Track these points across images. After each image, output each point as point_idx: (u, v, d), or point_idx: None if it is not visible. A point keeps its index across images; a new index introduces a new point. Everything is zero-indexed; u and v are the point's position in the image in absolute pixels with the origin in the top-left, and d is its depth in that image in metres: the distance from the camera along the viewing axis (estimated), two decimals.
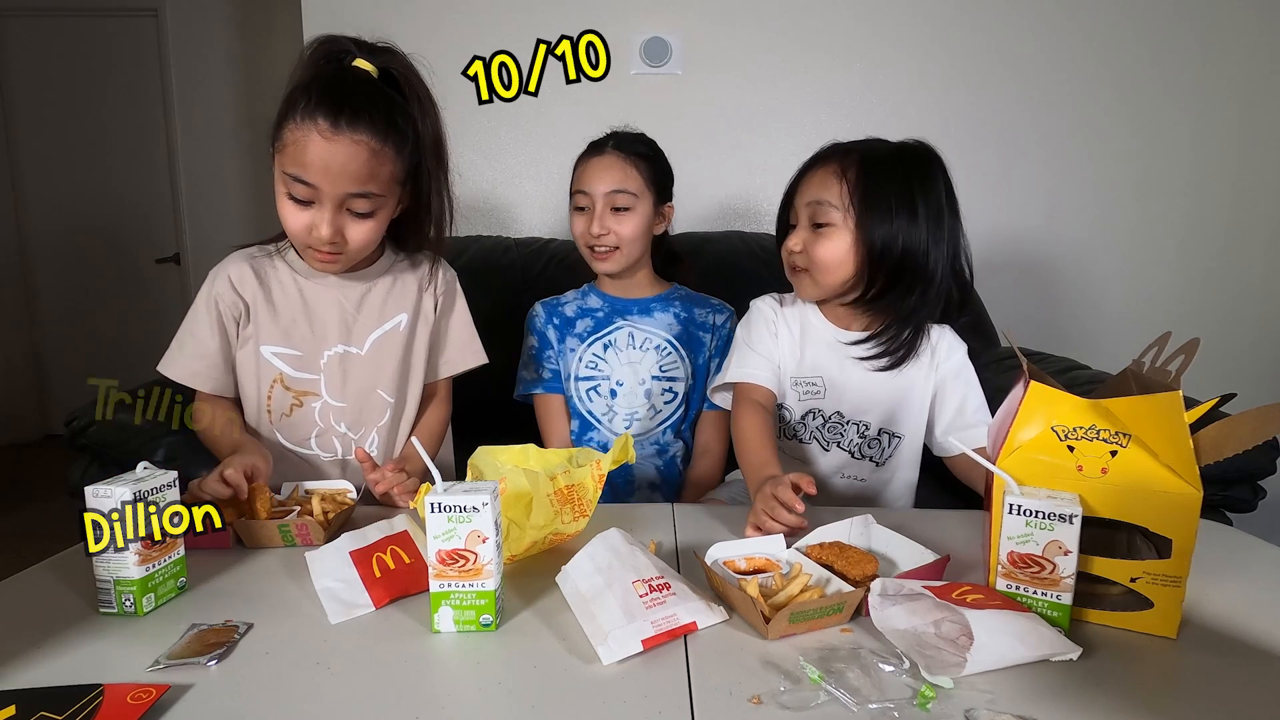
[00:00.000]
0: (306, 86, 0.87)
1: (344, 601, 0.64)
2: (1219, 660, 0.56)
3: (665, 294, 1.31)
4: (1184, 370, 0.61)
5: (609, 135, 1.27)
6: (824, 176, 0.97)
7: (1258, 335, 2.02)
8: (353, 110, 0.86)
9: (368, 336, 1.04)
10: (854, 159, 0.96)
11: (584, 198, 1.22)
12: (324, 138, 0.85)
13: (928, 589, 0.57)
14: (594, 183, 1.21)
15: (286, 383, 1.02)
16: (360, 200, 0.90)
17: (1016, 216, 1.99)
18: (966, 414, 1.01)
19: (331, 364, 1.03)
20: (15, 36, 3.40)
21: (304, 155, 0.86)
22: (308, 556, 0.68)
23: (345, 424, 1.05)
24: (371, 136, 0.87)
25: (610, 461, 0.78)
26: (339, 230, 0.91)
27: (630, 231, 1.21)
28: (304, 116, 0.85)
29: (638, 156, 1.23)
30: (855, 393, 1.03)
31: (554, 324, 1.30)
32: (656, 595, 0.60)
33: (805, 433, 1.06)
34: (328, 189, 0.88)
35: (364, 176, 0.89)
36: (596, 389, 1.28)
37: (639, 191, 1.21)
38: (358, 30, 0.97)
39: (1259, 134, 1.95)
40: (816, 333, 1.05)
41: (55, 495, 2.65)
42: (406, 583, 0.67)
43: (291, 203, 0.90)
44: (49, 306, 3.58)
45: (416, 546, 0.71)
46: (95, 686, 0.51)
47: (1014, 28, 1.91)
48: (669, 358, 1.28)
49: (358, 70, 0.90)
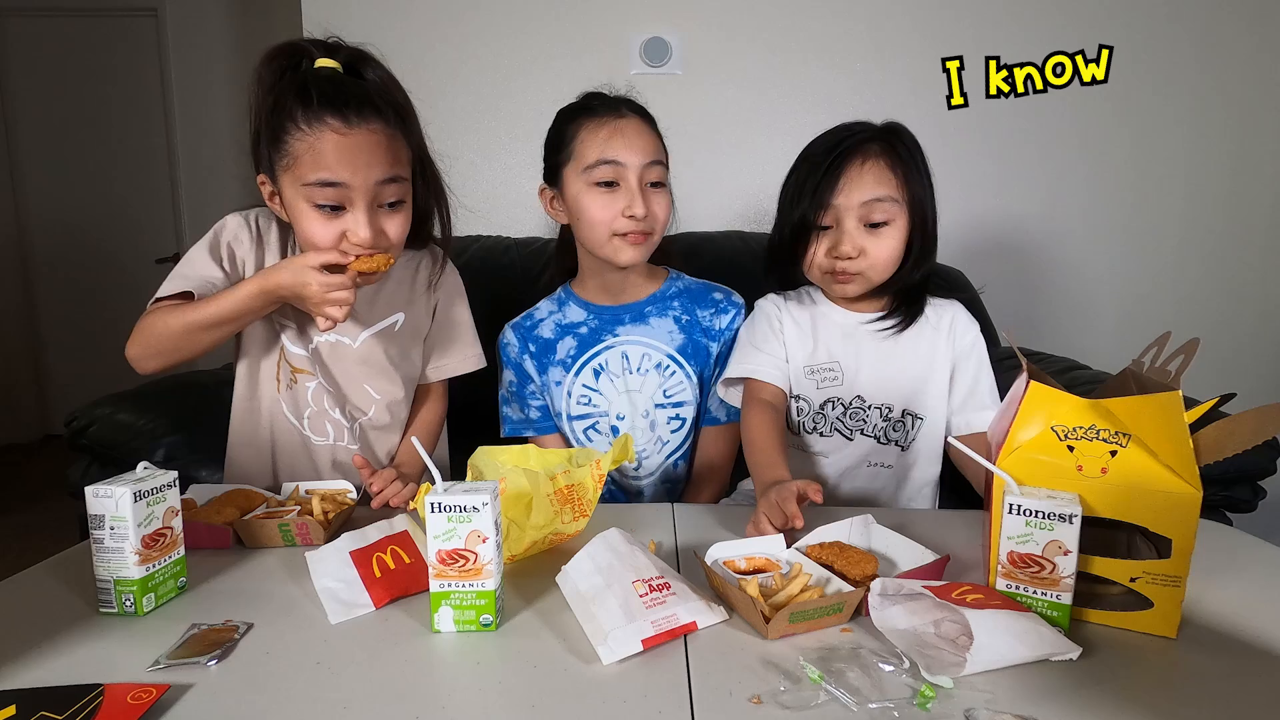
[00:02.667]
0: (297, 95, 0.84)
1: (344, 601, 0.64)
2: (1219, 660, 0.56)
3: (662, 290, 1.10)
4: (1184, 370, 0.61)
5: (616, 97, 1.06)
6: (877, 171, 0.94)
7: (1257, 335, 2.02)
8: (357, 102, 0.84)
9: (361, 332, 1.02)
10: (889, 149, 0.96)
11: (612, 170, 0.98)
12: (340, 134, 0.83)
13: (928, 589, 0.57)
14: (628, 151, 0.98)
15: (287, 355, 1.01)
16: (391, 187, 0.88)
17: (1015, 217, 1.99)
18: (979, 394, 1.00)
19: (322, 348, 1.01)
20: (15, 36, 3.40)
21: (324, 158, 0.83)
22: (308, 556, 0.68)
23: (339, 410, 1.03)
24: (382, 123, 0.86)
25: (610, 461, 0.78)
26: (379, 230, 0.88)
27: (666, 214, 1.02)
28: (309, 123, 0.83)
29: (654, 125, 1.04)
30: (873, 375, 1.01)
31: (530, 352, 1.11)
32: (656, 595, 0.60)
33: (825, 424, 1.03)
34: (359, 181, 0.85)
35: (389, 161, 0.86)
36: (595, 427, 1.10)
37: (668, 164, 1.03)
38: (358, 30, 0.96)
39: (1255, 134, 1.95)
40: (828, 319, 1.04)
41: (55, 495, 2.66)
42: (407, 582, 0.67)
43: (319, 214, 0.86)
44: (49, 306, 3.58)
45: (416, 546, 0.71)
46: (95, 686, 0.51)
47: (1011, 28, 1.91)
48: (673, 378, 1.08)
49: (324, 70, 0.87)
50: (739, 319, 1.11)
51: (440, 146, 2.18)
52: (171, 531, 0.67)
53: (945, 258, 1.77)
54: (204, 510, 0.81)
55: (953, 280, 1.72)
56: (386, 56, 0.93)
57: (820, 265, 0.99)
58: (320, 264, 0.84)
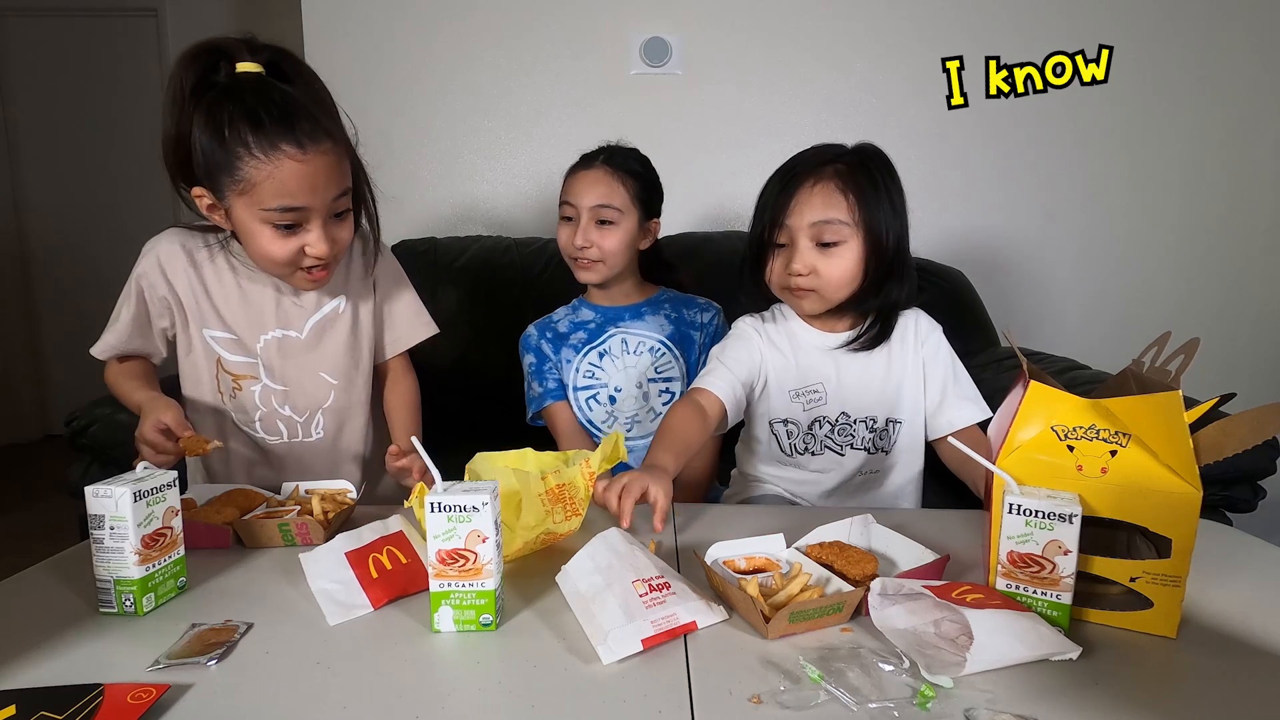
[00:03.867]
0: (245, 118, 0.83)
1: (341, 603, 0.64)
2: (1219, 660, 0.56)
3: (654, 298, 1.33)
4: (1184, 370, 0.61)
5: (600, 149, 1.27)
6: (825, 194, 0.96)
7: (1257, 335, 2.03)
8: (306, 124, 0.85)
9: (306, 321, 1.04)
10: (845, 171, 0.97)
11: (570, 208, 1.24)
12: (299, 161, 0.85)
13: (928, 589, 0.57)
14: (580, 195, 1.23)
15: (225, 365, 1.03)
16: (342, 200, 0.92)
17: (1015, 217, 1.99)
18: (954, 390, 1.03)
19: (269, 348, 1.03)
20: (15, 36, 3.39)
21: (286, 185, 0.85)
22: (302, 558, 0.68)
23: (289, 407, 1.05)
24: (331, 141, 0.87)
25: (601, 460, 0.78)
26: (333, 239, 0.92)
27: (612, 245, 1.23)
28: (265, 151, 0.84)
29: (626, 173, 1.24)
30: (855, 391, 1.04)
31: (547, 338, 1.32)
32: (656, 595, 0.60)
33: (816, 444, 1.05)
34: (318, 203, 0.89)
35: (340, 177, 0.90)
36: (595, 397, 1.30)
37: (624, 207, 1.23)
38: (358, 30, 0.96)
39: (1255, 133, 1.95)
40: (806, 342, 1.06)
41: (55, 495, 2.65)
42: (405, 582, 0.67)
43: (277, 233, 0.89)
44: (49, 306, 3.58)
45: (413, 546, 0.71)
46: (95, 686, 0.51)
47: (1011, 28, 1.91)
48: (663, 358, 1.29)
49: (251, 78, 0.87)
50: (718, 317, 1.34)
51: (440, 146, 2.19)
52: (171, 531, 0.67)
53: (945, 258, 1.78)
54: (204, 510, 0.81)
55: (953, 280, 1.72)
56: (387, 56, 0.93)
57: (778, 281, 1.02)
58: (164, 427, 0.86)
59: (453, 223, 2.00)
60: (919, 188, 1.95)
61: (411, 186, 1.97)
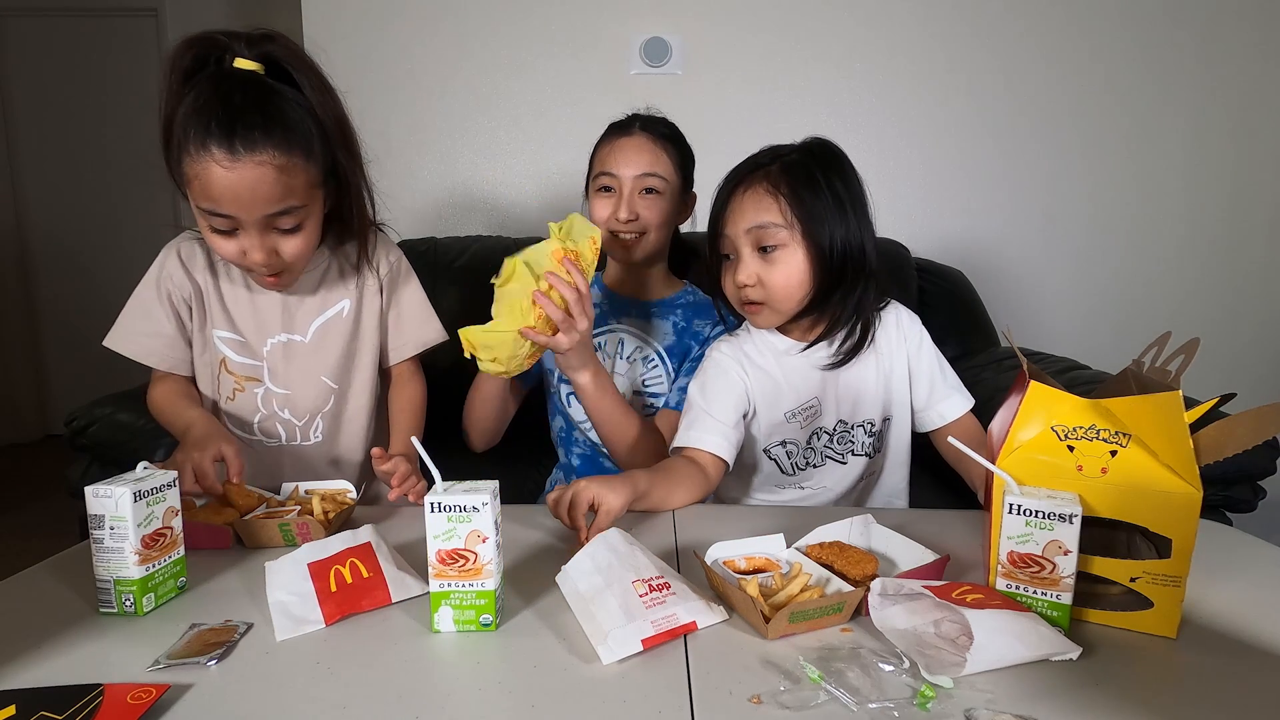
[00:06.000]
0: (195, 111, 0.81)
1: (294, 617, 0.61)
2: (1219, 660, 0.56)
3: (672, 298, 1.23)
4: (1184, 370, 0.61)
5: (634, 116, 1.19)
6: (756, 198, 0.93)
7: (1257, 335, 2.03)
8: (245, 129, 0.81)
9: (311, 323, 1.04)
10: (777, 172, 0.93)
11: (609, 179, 1.14)
12: (224, 168, 0.81)
13: (928, 589, 0.57)
14: (622, 164, 1.13)
15: (229, 367, 1.02)
16: (283, 218, 0.87)
17: (1016, 217, 1.99)
18: (941, 383, 1.03)
19: (275, 352, 1.03)
20: (15, 36, 3.40)
21: (210, 189, 0.82)
22: (267, 566, 0.65)
23: (289, 410, 1.05)
24: (274, 152, 0.82)
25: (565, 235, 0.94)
26: (272, 250, 0.89)
27: (658, 217, 1.14)
28: (197, 148, 0.81)
29: (665, 139, 1.16)
30: (849, 397, 1.02)
31: None
32: (656, 595, 0.60)
33: (816, 455, 1.03)
34: (245, 215, 0.84)
35: (277, 196, 0.84)
36: (574, 394, 1.20)
37: (668, 175, 1.15)
38: (358, 30, 0.96)
39: (1256, 133, 1.95)
40: (790, 362, 1.02)
41: (55, 495, 2.65)
42: (359, 598, 0.64)
43: (213, 233, 0.87)
44: (49, 306, 3.58)
45: (377, 558, 0.68)
46: (95, 686, 0.51)
47: (1013, 30, 1.91)
48: (654, 371, 1.20)
49: (239, 74, 0.84)
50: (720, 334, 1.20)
51: (441, 146, 2.19)
52: (171, 531, 0.67)
53: (945, 258, 1.78)
54: (204, 510, 0.81)
55: (953, 280, 1.72)
56: (386, 56, 0.93)
57: (731, 296, 0.99)
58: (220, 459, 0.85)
59: (452, 222, 2.00)
60: (919, 188, 1.98)
61: (411, 186, 1.97)
